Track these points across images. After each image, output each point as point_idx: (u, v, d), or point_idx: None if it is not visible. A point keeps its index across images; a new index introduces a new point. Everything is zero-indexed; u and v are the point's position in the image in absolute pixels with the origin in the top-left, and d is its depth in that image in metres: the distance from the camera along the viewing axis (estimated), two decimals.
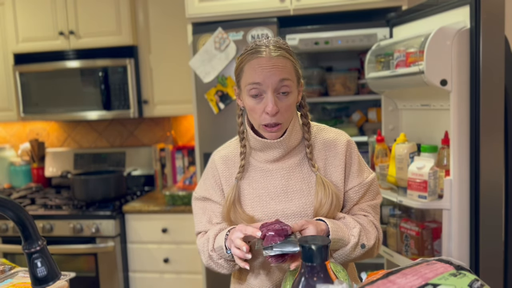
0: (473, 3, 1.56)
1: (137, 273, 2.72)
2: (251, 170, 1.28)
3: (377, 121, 2.52)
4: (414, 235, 1.81)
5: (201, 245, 1.28)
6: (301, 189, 1.24)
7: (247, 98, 1.18)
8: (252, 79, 1.15)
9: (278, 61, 1.15)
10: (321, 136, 1.29)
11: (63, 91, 2.88)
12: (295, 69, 1.19)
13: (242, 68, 1.19)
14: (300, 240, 0.84)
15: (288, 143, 1.23)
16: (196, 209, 1.36)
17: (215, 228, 1.27)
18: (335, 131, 1.32)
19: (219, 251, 1.20)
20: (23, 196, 2.99)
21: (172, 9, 2.77)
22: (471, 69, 1.60)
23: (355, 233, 1.19)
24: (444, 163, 1.73)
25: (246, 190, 1.26)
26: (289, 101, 1.17)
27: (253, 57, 1.16)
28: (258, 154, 1.27)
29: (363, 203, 1.29)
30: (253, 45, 1.19)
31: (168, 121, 3.23)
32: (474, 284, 0.76)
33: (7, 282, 1.21)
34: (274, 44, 1.18)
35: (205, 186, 1.33)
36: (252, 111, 1.18)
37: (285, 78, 1.15)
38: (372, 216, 1.28)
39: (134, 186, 3.18)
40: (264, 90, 1.15)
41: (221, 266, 1.24)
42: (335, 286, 0.74)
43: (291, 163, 1.25)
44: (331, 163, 1.26)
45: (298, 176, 1.25)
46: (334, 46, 2.28)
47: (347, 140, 1.29)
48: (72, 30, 2.84)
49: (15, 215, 0.82)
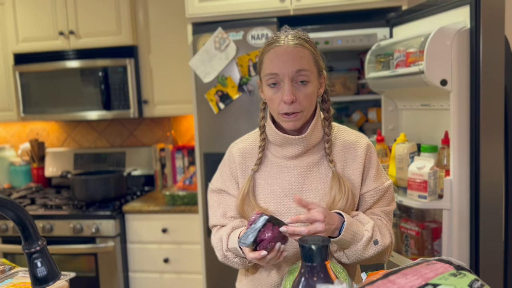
0: (473, 3, 1.56)
1: (137, 273, 2.72)
2: (268, 165, 1.27)
3: (377, 121, 2.52)
4: (414, 235, 1.81)
5: (216, 242, 1.28)
6: (317, 188, 1.22)
7: (266, 88, 1.19)
8: (269, 69, 1.16)
9: (295, 50, 1.15)
10: (341, 137, 1.27)
11: (63, 91, 2.88)
12: (314, 59, 1.18)
13: (262, 60, 1.20)
14: (300, 240, 0.84)
15: (309, 140, 1.22)
16: (211, 201, 1.35)
17: (228, 226, 1.26)
18: (356, 133, 1.30)
19: (234, 251, 1.20)
20: (23, 196, 2.99)
21: (172, 9, 2.77)
22: (471, 69, 1.60)
23: (369, 228, 1.16)
24: (444, 163, 1.73)
25: (261, 184, 1.26)
26: (308, 91, 1.16)
27: (271, 48, 1.17)
28: (277, 149, 1.26)
29: (377, 208, 1.26)
30: (273, 36, 1.20)
31: (168, 121, 3.23)
32: (474, 284, 0.76)
33: (7, 282, 1.21)
34: (293, 34, 1.18)
35: (222, 179, 1.32)
36: (271, 101, 1.19)
37: (302, 68, 1.14)
38: (385, 221, 1.25)
39: (134, 186, 3.18)
40: (281, 79, 1.15)
41: (236, 264, 1.24)
42: (335, 286, 0.74)
43: (309, 162, 1.24)
44: (349, 165, 1.24)
45: (315, 175, 1.23)
46: (334, 46, 2.28)
47: (367, 143, 1.27)
48: (72, 30, 2.84)
49: (15, 215, 0.82)
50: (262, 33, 2.25)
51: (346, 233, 1.11)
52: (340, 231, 1.11)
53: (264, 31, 2.25)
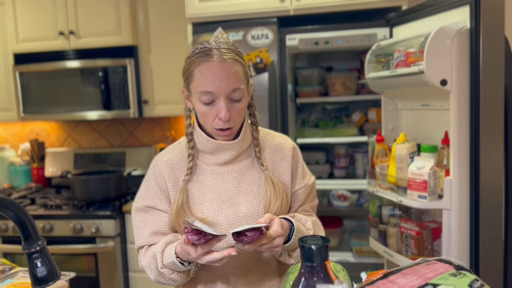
0: (473, 3, 1.56)
1: (137, 273, 2.72)
2: (200, 174, 1.24)
3: (377, 121, 2.52)
4: (414, 235, 1.81)
5: (147, 261, 1.21)
6: (252, 191, 1.23)
7: (198, 104, 1.17)
8: (203, 87, 1.13)
9: (229, 66, 1.13)
10: (268, 140, 1.32)
11: (63, 91, 2.88)
12: (244, 72, 1.18)
13: (191, 72, 1.16)
14: (300, 241, 0.84)
15: (242, 145, 1.24)
16: (136, 221, 1.27)
17: (161, 242, 1.20)
18: (281, 135, 1.36)
19: (172, 267, 1.16)
20: (23, 196, 2.99)
21: (172, 9, 2.77)
22: (471, 69, 1.60)
23: (310, 226, 1.22)
24: (444, 163, 1.73)
25: (195, 194, 1.22)
26: (241, 106, 1.17)
27: (203, 61, 1.13)
28: (207, 157, 1.24)
29: (306, 205, 1.33)
30: (202, 47, 1.15)
31: (168, 121, 3.23)
32: (474, 284, 0.76)
33: (7, 282, 1.21)
34: (225, 46, 1.16)
35: (148, 194, 1.26)
36: (204, 116, 1.17)
37: (237, 87, 1.14)
38: (315, 217, 1.33)
39: (134, 186, 3.17)
40: (216, 97, 1.13)
41: (173, 280, 1.20)
42: (335, 286, 0.74)
43: (242, 165, 1.25)
44: (279, 166, 1.29)
45: (249, 178, 1.24)
46: (334, 46, 2.28)
47: (292, 145, 1.33)
48: (72, 30, 2.84)
49: (15, 215, 0.82)
50: (262, 33, 2.25)
51: (295, 236, 1.15)
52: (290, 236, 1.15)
53: (264, 31, 2.25)
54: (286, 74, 2.30)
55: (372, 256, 2.45)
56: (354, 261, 2.48)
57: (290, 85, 2.38)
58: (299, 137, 2.51)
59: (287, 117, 2.32)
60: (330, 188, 2.53)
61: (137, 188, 3.08)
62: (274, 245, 1.09)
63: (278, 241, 1.09)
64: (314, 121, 2.63)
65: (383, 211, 2.06)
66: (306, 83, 2.57)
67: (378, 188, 1.97)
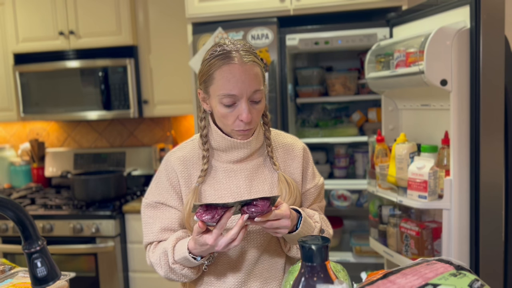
0: (473, 3, 1.56)
1: (137, 273, 2.72)
2: (213, 172, 1.25)
3: (377, 121, 2.52)
4: (414, 235, 1.81)
5: (156, 257, 1.21)
6: (264, 190, 1.25)
7: (218, 106, 1.16)
8: (226, 90, 1.13)
9: (250, 68, 1.13)
10: (279, 140, 1.34)
11: (63, 91, 2.88)
12: (262, 73, 1.19)
13: (212, 74, 1.15)
14: (300, 241, 0.84)
15: (255, 144, 1.25)
16: (145, 217, 1.27)
17: (171, 238, 1.21)
18: (291, 136, 1.38)
19: (183, 262, 1.16)
20: (23, 196, 2.99)
21: (172, 9, 2.77)
22: (471, 69, 1.60)
23: (317, 219, 1.25)
24: (444, 163, 1.73)
25: (208, 192, 1.23)
26: (261, 107, 1.19)
27: (224, 63, 1.13)
28: (221, 155, 1.25)
29: (315, 205, 1.36)
30: (222, 50, 1.14)
31: (168, 121, 3.23)
32: (474, 284, 0.76)
33: (7, 282, 1.21)
34: (243, 48, 1.16)
35: (158, 190, 1.26)
36: (224, 118, 1.17)
37: (258, 88, 1.15)
38: (323, 215, 1.36)
39: (134, 186, 3.18)
40: (238, 99, 1.14)
41: (184, 276, 1.20)
42: (335, 286, 0.74)
43: (254, 164, 1.26)
44: (289, 165, 1.31)
45: (261, 177, 1.26)
46: (334, 46, 2.28)
47: (303, 145, 1.35)
48: (72, 30, 2.84)
49: (15, 215, 0.82)
50: (262, 33, 2.25)
51: (303, 226, 1.17)
52: (298, 225, 1.17)
53: (264, 31, 2.25)
54: (286, 74, 2.30)
55: (372, 256, 2.45)
56: (354, 261, 2.48)
57: (290, 85, 2.38)
58: (299, 137, 2.50)
59: (287, 117, 2.32)
60: (330, 188, 2.53)
61: (137, 188, 3.10)
62: (280, 225, 1.09)
63: (285, 222, 1.09)
64: (314, 121, 2.63)
65: (383, 211, 2.06)
66: (306, 83, 2.57)
67: (378, 188, 1.97)
